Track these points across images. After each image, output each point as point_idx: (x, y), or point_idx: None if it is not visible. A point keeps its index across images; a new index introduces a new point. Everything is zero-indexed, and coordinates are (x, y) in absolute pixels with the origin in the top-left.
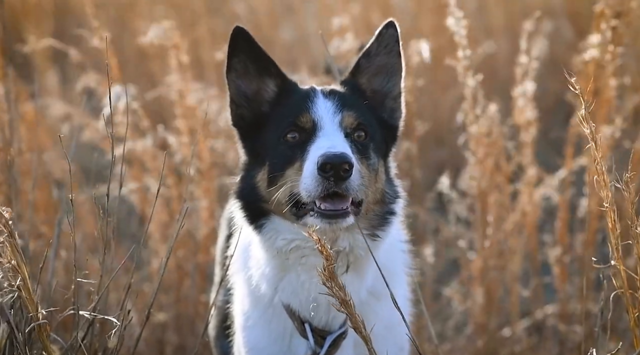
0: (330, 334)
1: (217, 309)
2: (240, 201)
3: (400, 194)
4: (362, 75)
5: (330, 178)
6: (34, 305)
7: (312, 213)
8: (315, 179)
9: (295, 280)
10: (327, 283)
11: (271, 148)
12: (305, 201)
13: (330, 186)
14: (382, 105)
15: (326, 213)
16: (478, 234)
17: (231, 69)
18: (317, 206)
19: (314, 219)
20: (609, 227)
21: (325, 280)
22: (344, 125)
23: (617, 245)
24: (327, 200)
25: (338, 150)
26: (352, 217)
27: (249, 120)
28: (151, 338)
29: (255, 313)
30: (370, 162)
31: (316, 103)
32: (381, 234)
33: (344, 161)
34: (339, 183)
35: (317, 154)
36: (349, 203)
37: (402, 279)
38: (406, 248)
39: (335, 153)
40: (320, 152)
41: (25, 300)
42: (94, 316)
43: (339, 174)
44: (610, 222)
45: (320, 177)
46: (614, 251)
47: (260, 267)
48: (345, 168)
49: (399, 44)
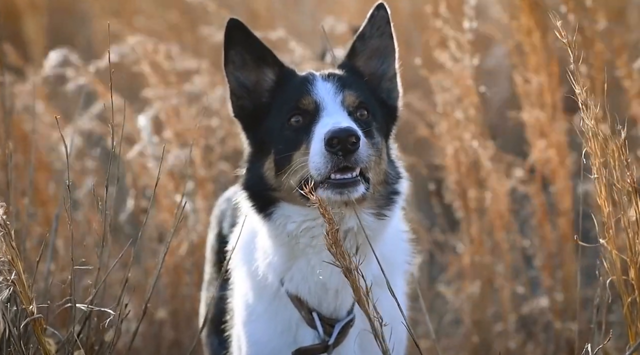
0: (338, 322)
1: (207, 305)
2: (247, 191)
3: (402, 174)
4: (358, 58)
5: (339, 152)
6: (28, 300)
7: (321, 185)
8: (323, 155)
9: (305, 266)
10: (331, 249)
11: (275, 135)
12: (317, 180)
13: (339, 161)
14: (379, 86)
15: (336, 182)
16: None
17: (229, 61)
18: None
19: (324, 191)
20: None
21: (329, 246)
22: (346, 104)
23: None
24: (338, 172)
25: (344, 125)
26: (362, 186)
27: (250, 110)
28: (148, 333)
29: (260, 306)
30: (374, 140)
31: (316, 85)
32: (388, 213)
33: (351, 134)
34: (347, 156)
35: (322, 131)
36: (358, 172)
37: (402, 270)
38: (407, 237)
39: (341, 127)
40: (325, 129)
41: (20, 294)
42: (91, 309)
43: (347, 147)
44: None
45: (329, 153)
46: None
47: (268, 257)
48: (353, 141)
49: (390, 25)
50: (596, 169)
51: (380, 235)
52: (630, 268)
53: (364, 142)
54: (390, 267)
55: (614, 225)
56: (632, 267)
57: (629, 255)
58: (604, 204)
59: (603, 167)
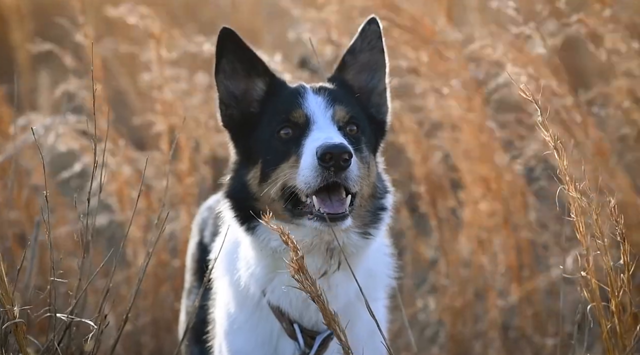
0: (319, 334)
1: (188, 314)
2: (230, 200)
3: (389, 189)
4: (348, 72)
5: (331, 168)
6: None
7: (310, 216)
8: (315, 169)
9: (287, 280)
10: (296, 276)
11: (264, 145)
12: (305, 193)
13: (329, 176)
14: (368, 101)
15: (327, 216)
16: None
17: (219, 70)
18: (315, 209)
19: (312, 222)
20: (579, 237)
21: (295, 272)
22: (336, 119)
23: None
24: (326, 203)
25: (337, 141)
26: (350, 219)
27: (239, 120)
28: (128, 342)
29: (242, 316)
30: (363, 154)
31: (307, 99)
32: (373, 231)
33: (344, 151)
34: (338, 173)
35: (314, 145)
36: (347, 204)
37: (384, 284)
38: (389, 251)
39: (335, 143)
40: (317, 143)
41: (1, 297)
42: (71, 319)
43: (339, 163)
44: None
45: (321, 168)
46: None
47: (250, 267)
48: (345, 158)
49: (381, 40)
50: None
51: (364, 252)
52: (611, 300)
53: (355, 160)
54: (373, 281)
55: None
56: (613, 298)
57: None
58: (584, 239)
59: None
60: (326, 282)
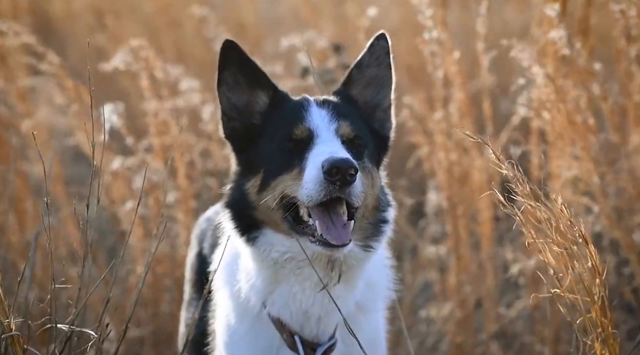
0: (320, 345)
1: (187, 326)
2: (230, 210)
3: (391, 202)
4: (354, 86)
5: (337, 182)
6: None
7: (312, 239)
8: (320, 183)
9: (287, 292)
10: None
11: (266, 157)
12: (306, 205)
13: (334, 191)
14: (373, 116)
15: (328, 243)
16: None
17: (222, 82)
18: (318, 234)
19: (315, 246)
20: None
21: None
22: (340, 133)
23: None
24: (329, 227)
25: (343, 155)
26: (351, 244)
27: (241, 132)
28: (128, 353)
29: (242, 328)
30: (366, 168)
31: (311, 112)
32: (374, 244)
33: (350, 166)
34: (343, 188)
35: (320, 159)
36: (351, 230)
37: (384, 296)
38: (389, 263)
39: (342, 157)
40: (322, 157)
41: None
42: (72, 330)
43: (345, 178)
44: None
45: (326, 182)
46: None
47: (250, 279)
48: (352, 173)
49: (389, 56)
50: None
51: (365, 264)
52: (592, 311)
53: (360, 175)
54: (373, 292)
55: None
56: (593, 309)
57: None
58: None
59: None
60: (327, 295)
